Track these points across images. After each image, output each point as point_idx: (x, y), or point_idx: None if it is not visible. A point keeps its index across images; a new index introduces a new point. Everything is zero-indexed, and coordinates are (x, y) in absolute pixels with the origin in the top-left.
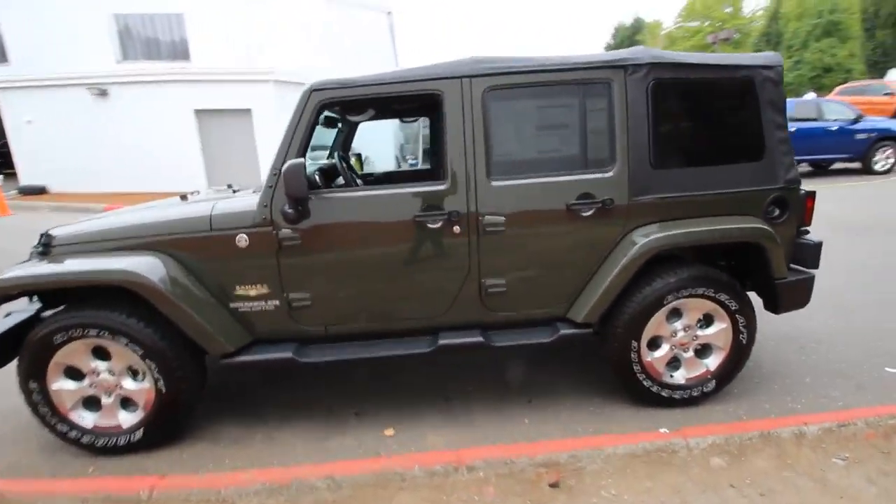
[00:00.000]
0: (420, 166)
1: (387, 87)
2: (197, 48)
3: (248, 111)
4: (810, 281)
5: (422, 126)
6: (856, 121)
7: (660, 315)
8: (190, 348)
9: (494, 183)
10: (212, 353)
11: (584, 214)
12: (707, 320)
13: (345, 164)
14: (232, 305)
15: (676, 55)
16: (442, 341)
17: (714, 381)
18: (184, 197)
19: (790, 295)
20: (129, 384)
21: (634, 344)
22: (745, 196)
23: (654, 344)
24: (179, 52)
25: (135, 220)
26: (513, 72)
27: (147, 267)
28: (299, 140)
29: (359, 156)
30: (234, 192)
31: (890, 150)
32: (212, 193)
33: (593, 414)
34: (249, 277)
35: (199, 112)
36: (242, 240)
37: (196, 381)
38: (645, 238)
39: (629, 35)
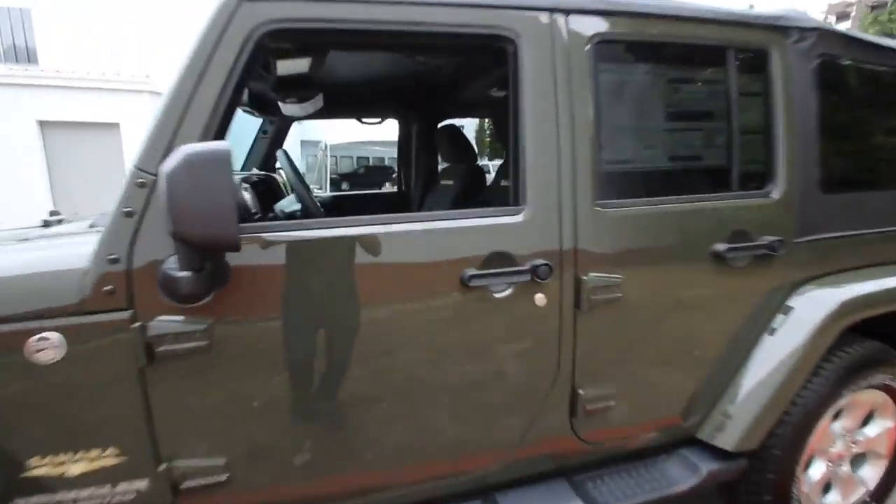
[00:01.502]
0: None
1: (403, 12)
2: (49, 51)
3: (115, 126)
4: None
5: (328, 151)
6: None
7: (825, 420)
8: None
9: (606, 210)
10: None
11: (738, 265)
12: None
13: (298, 177)
14: (20, 502)
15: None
16: None
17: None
18: None
19: None
20: None
21: (797, 470)
22: None
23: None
24: (24, 53)
25: None
26: (638, 13)
27: None
28: (211, 103)
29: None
30: (46, 223)
31: None
32: None
33: None
34: (70, 432)
35: (44, 124)
36: (48, 345)
37: None
38: (826, 302)
39: None
